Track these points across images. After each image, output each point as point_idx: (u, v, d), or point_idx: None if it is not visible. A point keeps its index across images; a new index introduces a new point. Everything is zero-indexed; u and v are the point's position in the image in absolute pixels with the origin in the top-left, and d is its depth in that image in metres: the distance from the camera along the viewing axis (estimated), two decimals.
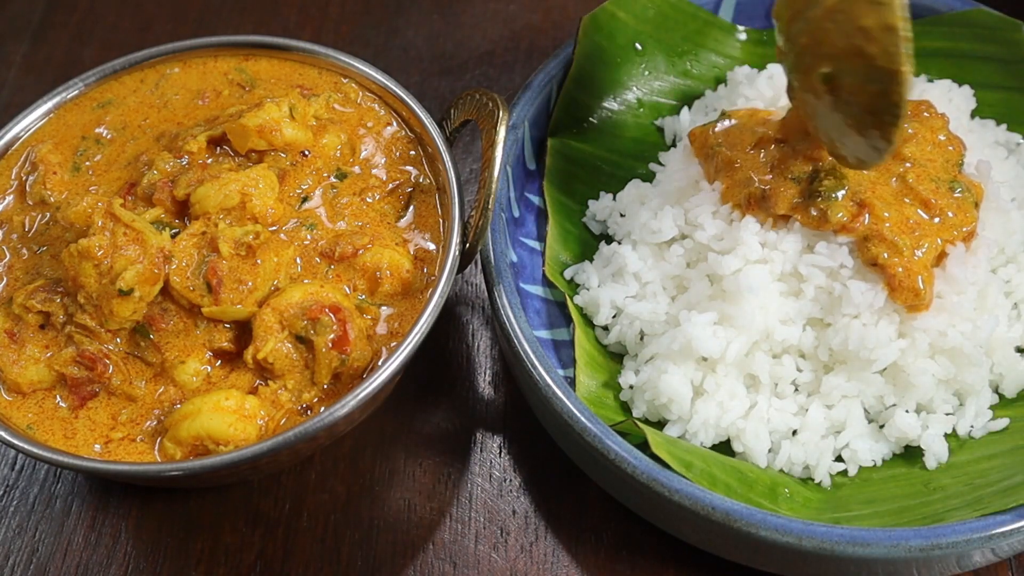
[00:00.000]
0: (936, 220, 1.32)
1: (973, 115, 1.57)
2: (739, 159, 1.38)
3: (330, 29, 1.94)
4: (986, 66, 1.60)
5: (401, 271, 1.31)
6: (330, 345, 1.23)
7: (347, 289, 1.30)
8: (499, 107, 1.33)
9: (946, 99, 1.51)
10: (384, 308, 1.30)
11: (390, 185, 1.38)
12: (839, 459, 1.34)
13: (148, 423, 1.23)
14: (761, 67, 1.60)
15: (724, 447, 1.35)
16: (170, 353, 1.25)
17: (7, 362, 1.24)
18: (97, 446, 1.22)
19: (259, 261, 1.25)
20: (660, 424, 1.36)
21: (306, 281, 1.28)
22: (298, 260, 1.30)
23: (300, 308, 1.23)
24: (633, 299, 1.41)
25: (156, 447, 1.22)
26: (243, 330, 1.26)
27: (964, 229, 1.33)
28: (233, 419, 1.20)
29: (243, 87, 1.45)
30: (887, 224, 1.30)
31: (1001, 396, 1.38)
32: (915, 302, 1.30)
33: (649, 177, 1.55)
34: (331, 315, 1.23)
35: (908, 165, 1.34)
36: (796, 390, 1.36)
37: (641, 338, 1.41)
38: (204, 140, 1.32)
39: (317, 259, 1.30)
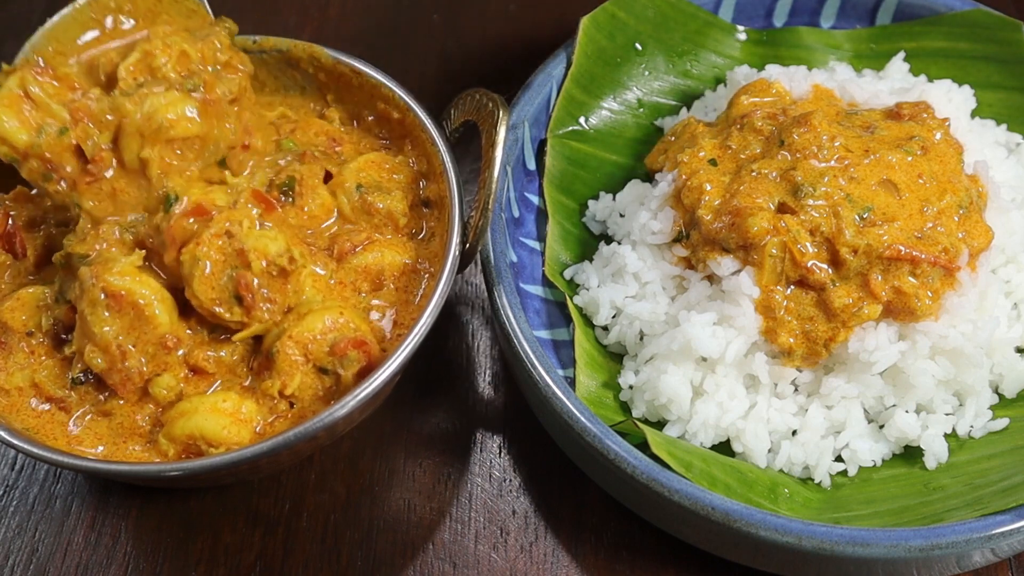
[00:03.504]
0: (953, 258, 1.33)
1: (973, 115, 1.57)
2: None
3: (330, 29, 1.94)
4: (986, 66, 1.60)
5: (400, 271, 1.31)
6: (356, 376, 1.23)
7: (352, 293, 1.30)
8: (499, 107, 1.33)
9: (946, 99, 1.51)
10: (385, 308, 1.30)
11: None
12: (839, 459, 1.34)
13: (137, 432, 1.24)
14: (761, 67, 1.61)
15: (724, 447, 1.34)
16: (150, 366, 1.23)
17: None
18: (100, 448, 1.22)
19: (289, 286, 1.24)
20: (660, 424, 1.36)
21: (315, 298, 1.27)
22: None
23: (324, 342, 1.22)
24: (633, 299, 1.41)
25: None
26: (230, 351, 1.26)
27: (976, 244, 1.34)
28: (228, 422, 1.20)
29: None
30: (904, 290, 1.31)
31: (1001, 396, 1.38)
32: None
33: (649, 177, 1.55)
34: (357, 350, 1.23)
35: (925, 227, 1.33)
36: (796, 390, 1.36)
37: (641, 338, 1.41)
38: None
39: (317, 268, 1.30)
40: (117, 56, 1.28)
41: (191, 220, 1.21)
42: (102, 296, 1.19)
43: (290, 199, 1.29)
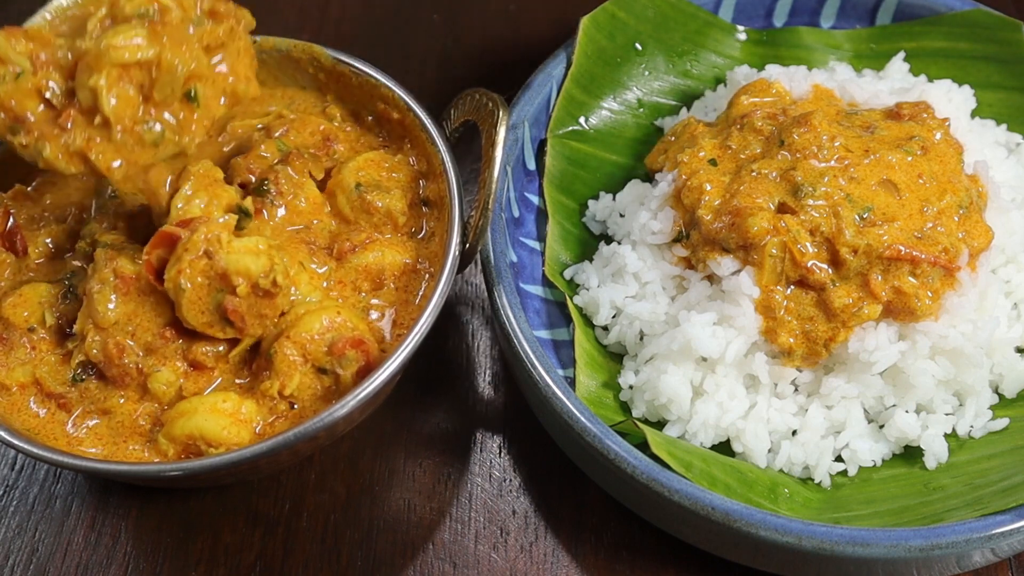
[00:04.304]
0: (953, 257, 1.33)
1: (973, 115, 1.57)
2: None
3: (330, 29, 1.94)
4: (986, 66, 1.60)
5: (401, 271, 1.31)
6: (355, 376, 1.23)
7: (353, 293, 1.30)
8: (499, 107, 1.33)
9: (946, 99, 1.51)
10: (385, 308, 1.31)
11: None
12: (839, 459, 1.34)
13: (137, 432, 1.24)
14: (761, 67, 1.61)
15: (724, 447, 1.35)
16: (147, 360, 1.23)
17: None
18: (100, 448, 1.22)
19: (279, 300, 1.23)
20: (660, 424, 1.36)
21: (314, 301, 1.27)
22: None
23: (322, 342, 1.22)
24: (633, 299, 1.41)
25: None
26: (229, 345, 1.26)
27: (976, 244, 1.34)
28: (228, 422, 1.20)
29: None
30: (903, 291, 1.31)
31: (1001, 396, 1.38)
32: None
33: (649, 177, 1.55)
34: (355, 349, 1.23)
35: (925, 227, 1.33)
36: (796, 390, 1.36)
37: (641, 338, 1.41)
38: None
39: (313, 264, 1.30)
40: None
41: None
42: (112, 278, 1.20)
43: (268, 199, 1.29)
